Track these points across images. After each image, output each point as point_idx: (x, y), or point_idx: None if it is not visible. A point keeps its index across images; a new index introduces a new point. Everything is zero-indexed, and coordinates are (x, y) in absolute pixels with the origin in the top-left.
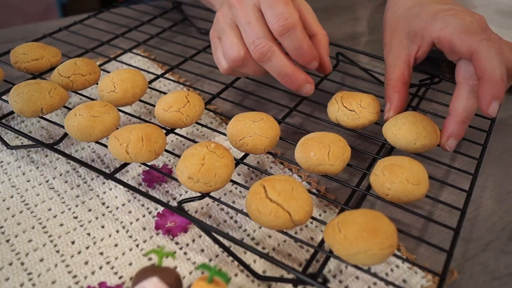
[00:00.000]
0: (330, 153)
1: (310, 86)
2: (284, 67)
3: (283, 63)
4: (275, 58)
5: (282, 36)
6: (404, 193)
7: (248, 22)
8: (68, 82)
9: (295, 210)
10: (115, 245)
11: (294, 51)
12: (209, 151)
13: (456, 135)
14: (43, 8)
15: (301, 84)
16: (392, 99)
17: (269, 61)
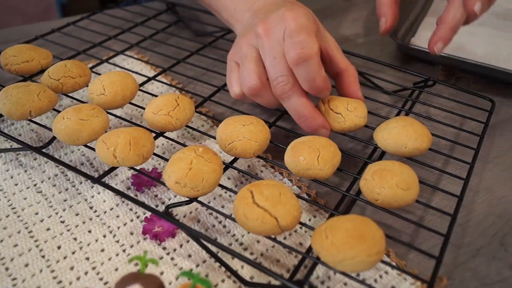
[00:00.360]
0: (319, 157)
1: (325, 131)
2: (302, 108)
3: (302, 104)
4: (295, 98)
5: (297, 66)
6: (394, 198)
7: (274, 57)
8: (58, 84)
9: (282, 215)
10: (102, 250)
11: (307, 82)
12: (196, 155)
13: (445, 39)
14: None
15: (317, 128)
16: (387, 13)
17: (288, 99)
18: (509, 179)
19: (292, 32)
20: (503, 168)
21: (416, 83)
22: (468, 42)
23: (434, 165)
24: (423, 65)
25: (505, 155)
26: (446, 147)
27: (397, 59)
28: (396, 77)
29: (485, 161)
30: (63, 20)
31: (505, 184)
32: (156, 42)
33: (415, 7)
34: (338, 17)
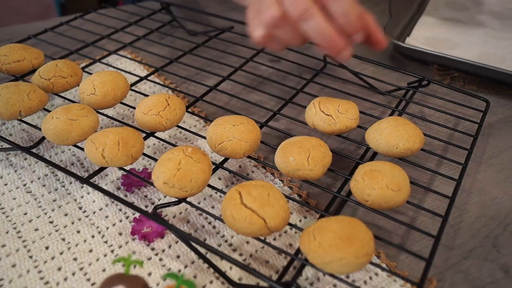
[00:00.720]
0: (309, 158)
1: (348, 54)
2: (325, 27)
3: (324, 23)
4: (316, 17)
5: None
6: (384, 199)
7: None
8: (49, 84)
9: (270, 216)
10: (90, 250)
11: (341, 17)
12: (185, 155)
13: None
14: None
15: (341, 48)
16: None
17: (309, 19)
18: (502, 180)
19: None
20: (497, 169)
21: (410, 83)
22: (464, 41)
23: (427, 165)
24: (419, 64)
25: (500, 155)
26: (440, 147)
27: (393, 58)
28: (391, 77)
29: (479, 162)
30: (57, 19)
31: (499, 185)
32: (150, 41)
33: (411, 6)
34: None
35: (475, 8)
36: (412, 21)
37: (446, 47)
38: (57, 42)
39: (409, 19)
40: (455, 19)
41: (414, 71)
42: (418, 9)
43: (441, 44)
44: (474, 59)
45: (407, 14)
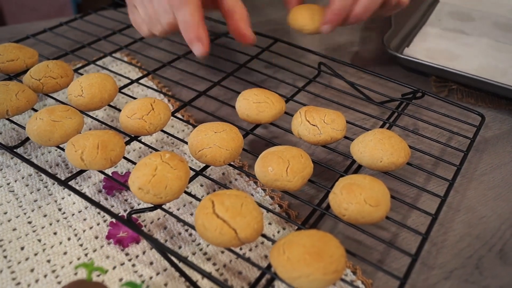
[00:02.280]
0: (289, 168)
1: (201, 47)
2: (190, 17)
3: (191, 13)
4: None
5: None
6: (361, 214)
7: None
8: (39, 84)
9: (241, 227)
10: (64, 253)
11: None
12: (162, 161)
13: (332, 23)
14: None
15: (195, 37)
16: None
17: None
18: (492, 199)
19: None
20: (488, 186)
21: (405, 95)
22: (465, 53)
23: (416, 180)
24: (417, 76)
25: (492, 173)
26: (431, 162)
27: (391, 69)
28: (387, 88)
29: (470, 178)
30: (56, 20)
31: (488, 204)
32: (147, 45)
33: (413, 16)
34: None
35: (481, 19)
36: (413, 31)
37: (445, 59)
38: (55, 42)
39: (411, 29)
40: (458, 30)
41: (412, 82)
42: (421, 19)
43: (440, 55)
44: (474, 72)
45: (409, 24)
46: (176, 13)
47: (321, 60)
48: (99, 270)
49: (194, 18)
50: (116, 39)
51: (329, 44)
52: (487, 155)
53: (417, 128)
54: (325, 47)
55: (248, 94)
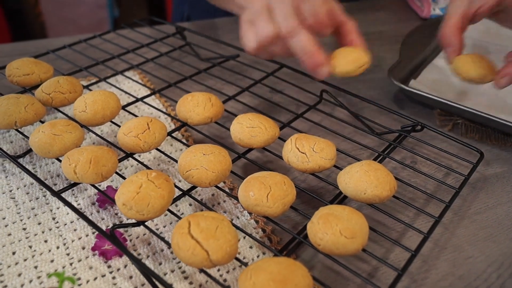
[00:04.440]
0: (269, 194)
1: (326, 69)
2: (307, 44)
3: (307, 40)
4: (301, 34)
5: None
6: (335, 245)
7: (282, 2)
8: (48, 98)
9: (213, 249)
10: (51, 261)
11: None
12: (147, 179)
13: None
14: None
15: (319, 64)
16: (452, 42)
17: (295, 36)
18: (482, 239)
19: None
20: (479, 226)
21: (404, 127)
22: (473, 87)
23: (406, 214)
24: (422, 108)
25: (486, 212)
26: (423, 196)
27: (396, 99)
28: (390, 119)
29: (462, 216)
30: (76, 37)
31: (476, 244)
32: (158, 65)
33: (425, 48)
34: None
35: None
36: (423, 63)
37: (452, 92)
38: (73, 58)
39: (420, 61)
40: None
41: (417, 114)
42: (434, 51)
43: (447, 88)
44: (480, 107)
45: (419, 57)
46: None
47: (325, 87)
48: (69, 280)
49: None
50: (128, 58)
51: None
52: (484, 193)
53: (415, 162)
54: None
55: (242, 118)
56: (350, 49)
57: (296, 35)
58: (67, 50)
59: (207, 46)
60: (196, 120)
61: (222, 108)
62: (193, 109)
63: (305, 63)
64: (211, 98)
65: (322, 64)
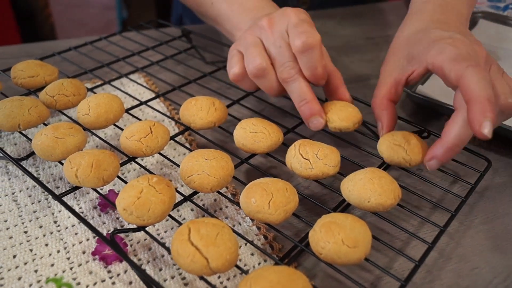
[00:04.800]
0: (271, 201)
1: (321, 120)
2: (305, 92)
3: (305, 88)
4: (300, 82)
5: (302, 54)
6: (337, 254)
7: (279, 46)
8: (52, 101)
9: (213, 257)
10: (52, 265)
11: (309, 70)
12: (148, 184)
13: (440, 159)
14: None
15: (315, 113)
16: (381, 117)
17: (293, 82)
18: (488, 249)
19: (296, 23)
20: (486, 236)
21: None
22: None
23: (411, 222)
24: (430, 114)
25: (493, 222)
26: (429, 204)
27: (404, 105)
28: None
29: (468, 226)
30: (82, 39)
31: (482, 255)
32: (163, 68)
33: None
34: (355, 55)
35: (507, 58)
36: None
37: None
38: (78, 60)
39: None
40: None
41: (424, 120)
42: None
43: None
44: None
45: None
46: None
47: None
48: (66, 287)
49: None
50: (133, 60)
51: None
52: (491, 202)
53: (421, 169)
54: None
55: (246, 123)
56: (342, 103)
57: (295, 80)
58: (73, 52)
59: (212, 49)
60: (199, 125)
61: (225, 113)
62: (196, 113)
63: (300, 110)
64: (214, 103)
65: (318, 114)
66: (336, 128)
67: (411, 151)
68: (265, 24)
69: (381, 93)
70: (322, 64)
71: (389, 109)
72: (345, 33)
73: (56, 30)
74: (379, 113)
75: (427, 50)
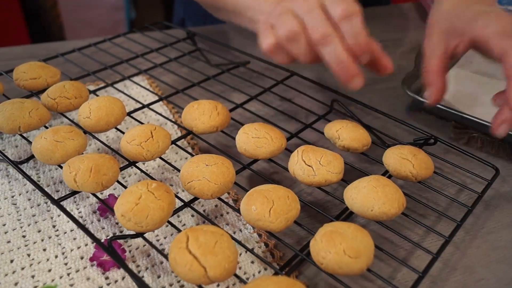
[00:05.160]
0: (272, 209)
1: (360, 80)
2: (341, 54)
3: (341, 50)
4: (335, 43)
5: (343, 20)
6: (338, 264)
7: (310, 10)
8: (54, 103)
9: (211, 266)
10: (49, 270)
11: (351, 38)
12: (147, 190)
13: (509, 121)
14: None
15: (354, 74)
16: (435, 83)
17: (328, 44)
18: (495, 260)
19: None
20: (493, 246)
21: (417, 140)
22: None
23: (416, 231)
24: (437, 119)
25: (500, 231)
26: (435, 213)
27: (411, 109)
28: (402, 130)
29: (474, 235)
30: (86, 40)
31: (489, 266)
32: (166, 70)
33: None
34: None
35: None
36: None
37: (468, 104)
38: (82, 62)
39: None
40: (490, 74)
41: (431, 125)
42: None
43: (464, 100)
44: None
45: None
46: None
47: (336, 97)
48: None
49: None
50: (137, 62)
51: None
52: (499, 211)
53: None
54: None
55: (248, 128)
56: (353, 124)
57: (330, 42)
58: (76, 53)
59: (217, 51)
60: (201, 129)
61: (228, 117)
62: (198, 118)
63: (338, 73)
64: (217, 107)
65: (357, 75)
66: (344, 147)
67: (417, 166)
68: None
69: (435, 63)
70: (365, 31)
71: (442, 76)
72: None
73: (64, 30)
74: (433, 79)
75: (472, 23)
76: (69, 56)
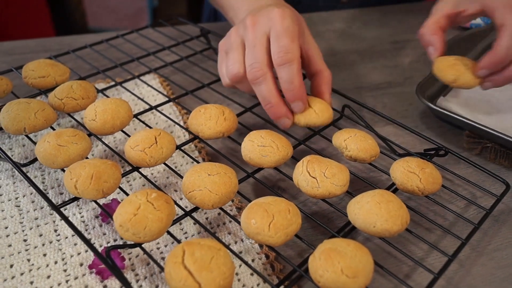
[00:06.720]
0: (271, 224)
1: (288, 121)
2: (270, 95)
3: (270, 91)
4: (265, 84)
5: (280, 66)
6: (335, 284)
7: (254, 45)
8: (60, 104)
9: (206, 282)
10: (48, 276)
11: (285, 83)
12: (147, 201)
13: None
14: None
15: (280, 116)
16: (432, 42)
17: (259, 85)
18: (500, 279)
19: (278, 34)
20: (498, 265)
21: (427, 150)
22: (509, 108)
23: (420, 246)
24: (450, 128)
25: (507, 249)
26: (438, 229)
27: (424, 116)
28: (414, 138)
29: (480, 252)
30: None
31: (493, 285)
32: (177, 70)
33: None
34: (380, 60)
35: None
36: None
37: (483, 111)
38: (92, 58)
39: None
40: None
41: (445, 133)
42: None
43: (479, 107)
44: None
45: None
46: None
47: (347, 102)
48: None
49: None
50: (147, 60)
51: (361, 83)
52: (507, 228)
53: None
54: (355, 86)
55: (254, 135)
56: (363, 134)
57: (260, 84)
58: (88, 49)
59: None
60: (207, 134)
61: (235, 123)
62: (204, 123)
63: (266, 111)
64: (224, 112)
65: (284, 116)
66: (352, 158)
67: (425, 180)
68: (248, 23)
69: (432, 21)
70: (299, 79)
71: (439, 33)
72: (370, 35)
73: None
74: (429, 38)
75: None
76: (80, 52)
